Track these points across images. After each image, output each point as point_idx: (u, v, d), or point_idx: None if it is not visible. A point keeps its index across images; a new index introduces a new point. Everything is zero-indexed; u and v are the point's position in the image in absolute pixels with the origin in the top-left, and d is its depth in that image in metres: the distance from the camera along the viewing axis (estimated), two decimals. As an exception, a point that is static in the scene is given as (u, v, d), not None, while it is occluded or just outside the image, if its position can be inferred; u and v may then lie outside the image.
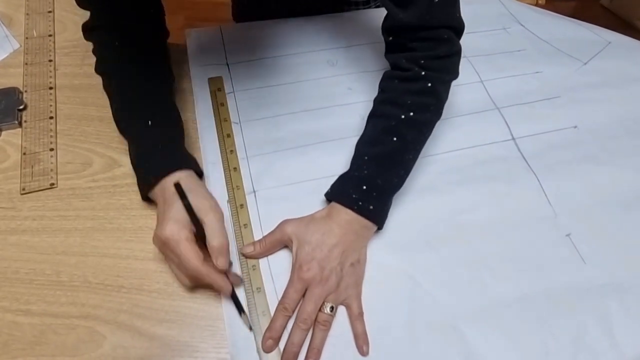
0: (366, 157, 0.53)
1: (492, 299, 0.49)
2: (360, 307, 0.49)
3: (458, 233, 0.53)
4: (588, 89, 0.67)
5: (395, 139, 0.53)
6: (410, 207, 0.55)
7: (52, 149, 0.59)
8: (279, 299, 0.48)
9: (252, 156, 0.58)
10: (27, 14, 0.76)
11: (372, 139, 0.55)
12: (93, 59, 0.60)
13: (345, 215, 0.51)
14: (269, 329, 0.47)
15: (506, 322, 0.48)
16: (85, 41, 0.60)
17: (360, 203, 0.51)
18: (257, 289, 0.49)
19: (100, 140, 0.61)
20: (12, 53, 0.70)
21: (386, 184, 0.53)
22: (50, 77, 0.67)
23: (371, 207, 0.51)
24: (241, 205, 0.54)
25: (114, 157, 0.59)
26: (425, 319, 0.47)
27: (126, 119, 0.57)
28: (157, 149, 0.53)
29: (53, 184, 0.56)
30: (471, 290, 0.50)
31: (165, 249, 0.48)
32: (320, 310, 0.48)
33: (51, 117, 0.63)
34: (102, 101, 0.65)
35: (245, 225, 0.53)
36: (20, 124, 0.62)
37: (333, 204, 0.52)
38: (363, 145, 0.55)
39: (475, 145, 0.60)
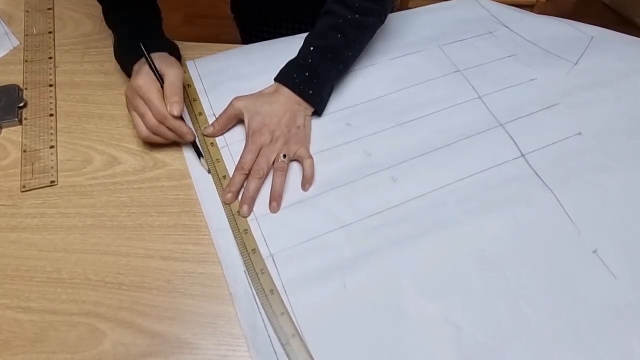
0: (312, 48, 0.61)
1: (536, 331, 0.47)
2: (309, 154, 0.57)
3: (488, 267, 0.51)
4: (583, 92, 0.66)
5: (339, 35, 0.61)
6: (436, 246, 0.52)
7: (52, 147, 0.59)
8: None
9: (261, 216, 0.55)
10: (27, 12, 0.76)
11: (320, 33, 0.62)
12: (93, 57, 0.60)
13: (289, 94, 0.59)
14: (228, 185, 0.55)
15: (555, 355, 0.46)
16: (85, 38, 0.60)
17: (302, 87, 0.59)
18: (252, 250, 0.51)
19: (100, 138, 0.61)
20: (12, 50, 0.70)
21: (325, 74, 0.61)
22: (51, 74, 0.67)
23: (311, 92, 0.60)
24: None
25: (115, 154, 0.59)
26: None
27: (111, 14, 0.66)
28: (137, 35, 0.61)
29: (53, 181, 0.56)
30: (515, 326, 0.47)
31: (135, 97, 0.55)
32: (275, 161, 0.56)
33: (51, 115, 0.63)
34: (103, 99, 0.65)
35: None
36: (20, 122, 0.62)
37: (279, 84, 0.60)
38: (312, 38, 0.62)
39: (487, 169, 0.58)
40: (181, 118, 0.56)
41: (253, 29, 0.91)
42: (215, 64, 0.69)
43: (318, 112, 0.62)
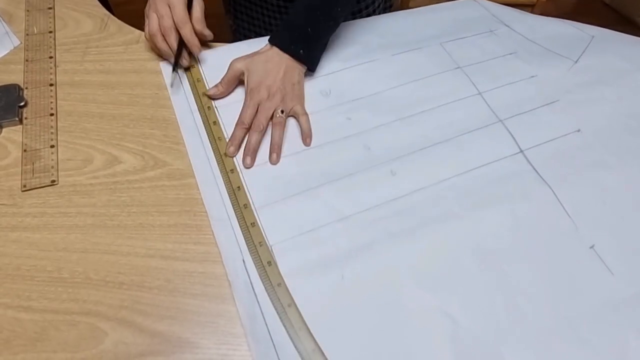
0: (301, 7, 0.64)
1: (533, 326, 0.47)
2: (304, 110, 0.61)
3: (486, 261, 0.51)
4: (584, 89, 0.66)
5: None
6: (434, 239, 0.52)
7: (52, 146, 0.59)
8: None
9: (260, 207, 0.55)
10: (28, 11, 0.76)
11: None
12: (93, 56, 0.59)
13: (281, 53, 0.63)
14: (230, 139, 0.58)
15: (551, 349, 0.46)
16: (85, 37, 0.60)
17: (293, 47, 0.62)
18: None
19: (101, 137, 0.61)
20: (12, 50, 0.70)
21: (315, 33, 0.64)
22: (51, 73, 0.67)
23: (301, 51, 0.63)
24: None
25: (115, 153, 0.59)
26: None
27: None
28: None
29: (54, 180, 0.56)
30: (511, 321, 0.47)
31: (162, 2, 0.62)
32: (273, 116, 0.60)
33: (52, 114, 0.63)
34: (103, 97, 0.65)
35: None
36: (20, 121, 0.62)
37: (272, 46, 0.64)
38: None
39: (486, 164, 0.58)
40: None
41: (244, 29, 0.91)
42: (219, 59, 0.69)
43: (310, 70, 0.65)
